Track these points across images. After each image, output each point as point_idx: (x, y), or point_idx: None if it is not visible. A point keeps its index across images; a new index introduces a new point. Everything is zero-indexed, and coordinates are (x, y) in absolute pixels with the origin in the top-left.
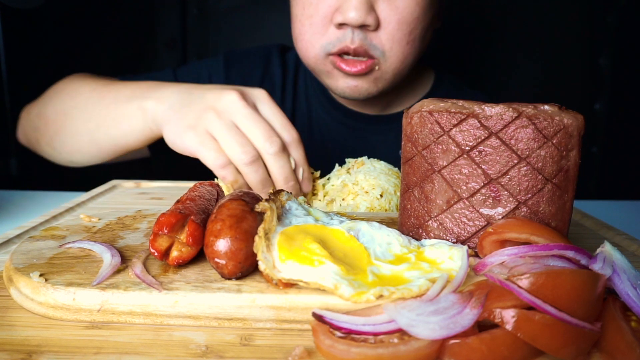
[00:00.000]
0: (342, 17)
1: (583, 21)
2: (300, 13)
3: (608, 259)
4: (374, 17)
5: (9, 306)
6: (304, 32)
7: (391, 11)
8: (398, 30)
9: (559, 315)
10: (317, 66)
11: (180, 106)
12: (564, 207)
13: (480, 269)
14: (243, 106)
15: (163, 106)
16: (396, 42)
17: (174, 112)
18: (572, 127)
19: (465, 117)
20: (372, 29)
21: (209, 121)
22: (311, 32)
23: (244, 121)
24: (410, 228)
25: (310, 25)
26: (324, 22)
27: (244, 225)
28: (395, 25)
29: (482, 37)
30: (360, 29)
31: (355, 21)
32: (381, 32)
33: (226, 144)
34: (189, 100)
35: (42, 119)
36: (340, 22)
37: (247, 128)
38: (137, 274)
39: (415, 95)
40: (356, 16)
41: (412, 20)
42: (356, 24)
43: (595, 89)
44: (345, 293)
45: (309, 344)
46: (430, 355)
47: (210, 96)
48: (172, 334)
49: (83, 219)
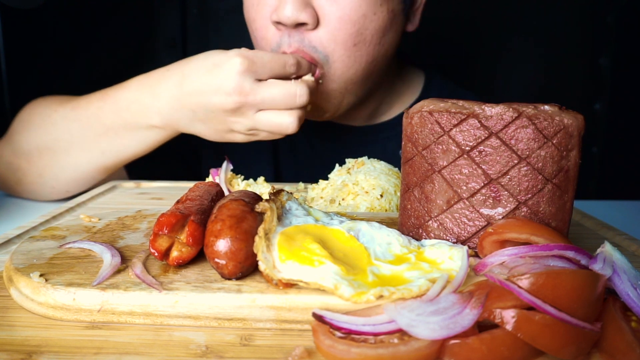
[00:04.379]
0: (275, 15)
1: (583, 21)
2: (247, 18)
3: (608, 259)
4: (310, 14)
5: (9, 306)
6: (254, 37)
7: (331, 7)
8: (341, 30)
9: (559, 315)
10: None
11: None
12: (564, 207)
13: (480, 269)
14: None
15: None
16: (340, 44)
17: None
18: (572, 127)
19: (465, 117)
20: (310, 27)
21: (232, 125)
22: (259, 37)
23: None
24: (410, 228)
25: (255, 29)
26: (266, 24)
27: (244, 225)
28: (336, 25)
29: (481, 37)
30: (297, 30)
31: (287, 19)
32: (321, 31)
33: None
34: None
35: (21, 157)
36: (275, 20)
37: (267, 102)
38: (137, 274)
39: (402, 103)
40: (288, 13)
41: (358, 18)
42: (289, 22)
43: (595, 89)
44: (345, 293)
45: (309, 344)
46: (430, 355)
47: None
48: (172, 334)
49: (83, 219)
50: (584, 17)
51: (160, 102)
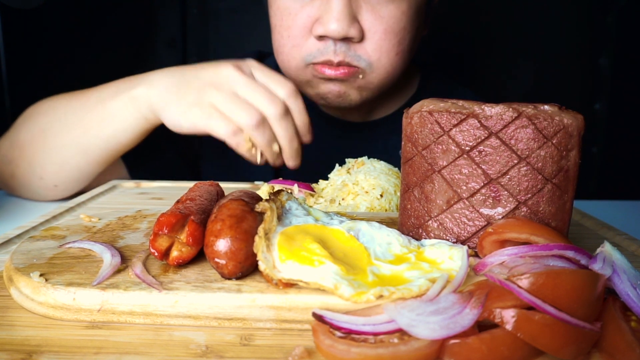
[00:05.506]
0: (322, 29)
1: (583, 21)
2: (278, 24)
3: (608, 259)
4: (358, 29)
5: (9, 306)
6: (282, 44)
7: (376, 21)
8: (385, 41)
9: (559, 315)
10: (298, 77)
11: (177, 88)
12: (564, 207)
13: (480, 269)
14: (241, 75)
15: (156, 90)
16: (384, 54)
17: (170, 94)
18: (572, 127)
19: (465, 117)
20: (356, 41)
21: (211, 95)
22: (290, 45)
23: (245, 89)
24: (410, 228)
25: (288, 37)
26: (303, 33)
27: (244, 225)
28: (381, 36)
29: (481, 37)
30: (343, 41)
31: (337, 34)
32: (367, 44)
33: (232, 113)
34: (183, 80)
35: (15, 148)
36: (320, 34)
37: (250, 95)
38: (137, 274)
39: (399, 100)
40: (338, 28)
41: (399, 30)
42: (338, 36)
43: (595, 89)
44: (345, 293)
45: (309, 344)
46: (430, 355)
47: (206, 73)
48: (172, 333)
49: (83, 219)
50: (583, 17)
51: (151, 76)
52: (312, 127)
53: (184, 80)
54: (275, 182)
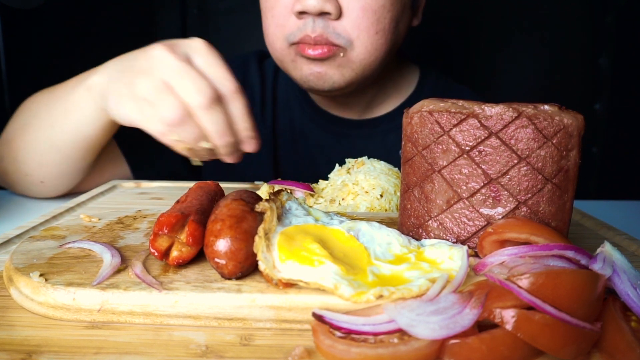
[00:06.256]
0: (300, 5)
1: (583, 21)
2: (264, 6)
3: (608, 259)
4: (334, 4)
5: (9, 306)
6: (267, 24)
7: None
8: (363, 19)
9: (559, 315)
10: (282, 57)
11: (118, 75)
12: (564, 207)
13: (480, 269)
14: (171, 59)
15: (104, 78)
16: (363, 31)
17: (112, 82)
18: (572, 127)
19: (465, 117)
20: (333, 17)
21: (140, 85)
22: (274, 25)
23: (172, 76)
24: (410, 228)
25: (272, 17)
26: (285, 12)
27: (244, 225)
28: (359, 13)
29: (481, 37)
30: (321, 17)
31: (313, 8)
32: (345, 21)
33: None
34: (123, 66)
35: (4, 144)
36: (299, 10)
37: (175, 82)
38: (137, 274)
39: (398, 96)
40: (314, 2)
41: (378, 8)
42: (314, 10)
43: (595, 89)
44: (345, 293)
45: (309, 344)
46: (430, 355)
47: (140, 58)
48: (172, 333)
49: (83, 219)
50: (583, 17)
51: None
52: (258, 135)
53: (125, 66)
54: (275, 182)
